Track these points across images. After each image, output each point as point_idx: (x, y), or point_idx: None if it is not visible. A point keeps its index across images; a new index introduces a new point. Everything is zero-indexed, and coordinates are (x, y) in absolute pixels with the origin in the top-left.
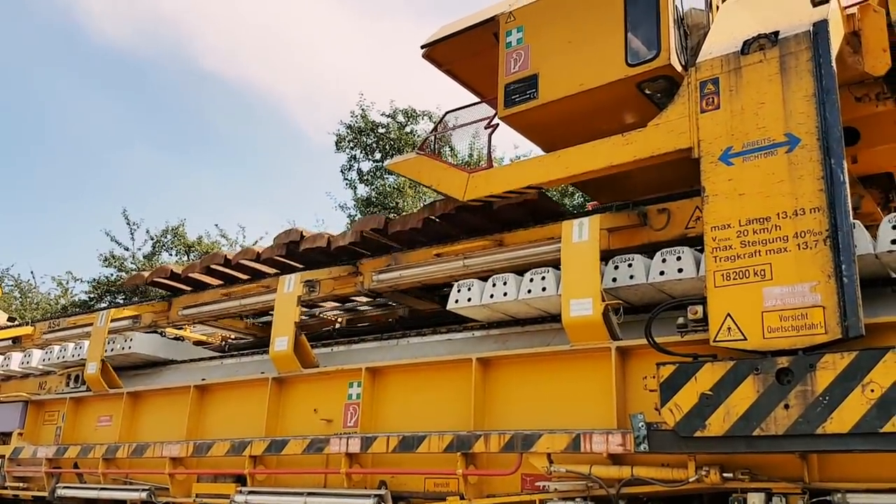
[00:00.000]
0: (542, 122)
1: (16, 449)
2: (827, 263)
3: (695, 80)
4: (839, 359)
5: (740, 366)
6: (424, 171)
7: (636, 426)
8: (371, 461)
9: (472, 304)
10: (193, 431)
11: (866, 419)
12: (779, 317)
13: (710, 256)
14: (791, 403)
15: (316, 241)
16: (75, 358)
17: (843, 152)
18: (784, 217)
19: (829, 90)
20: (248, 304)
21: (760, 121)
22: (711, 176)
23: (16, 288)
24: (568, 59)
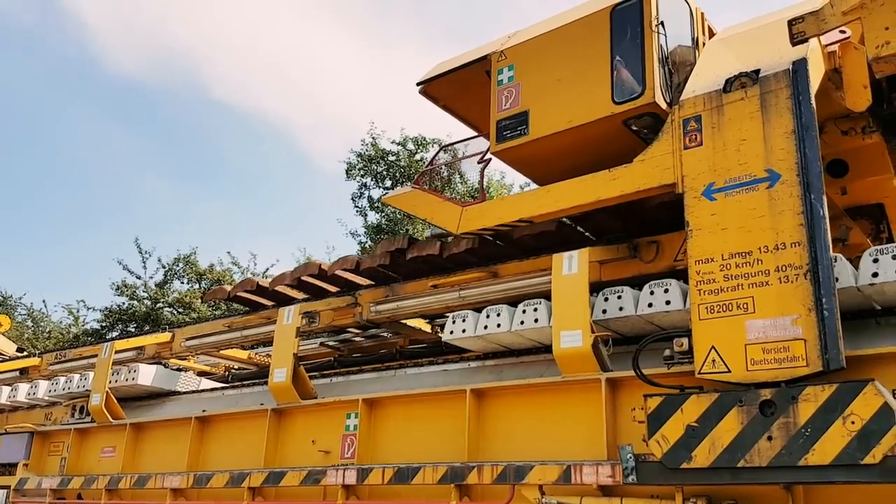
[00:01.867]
0: (533, 157)
1: (21, 480)
2: (807, 297)
3: (678, 118)
4: (820, 391)
5: (725, 398)
6: (419, 205)
7: (624, 458)
8: (368, 493)
9: (466, 335)
10: (194, 462)
11: (847, 451)
12: (761, 349)
13: (694, 290)
14: (774, 435)
15: (426, 249)
16: (80, 389)
17: (823, 187)
18: (765, 251)
19: (809, 126)
20: (249, 335)
21: (742, 157)
22: (695, 211)
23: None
24: (557, 96)
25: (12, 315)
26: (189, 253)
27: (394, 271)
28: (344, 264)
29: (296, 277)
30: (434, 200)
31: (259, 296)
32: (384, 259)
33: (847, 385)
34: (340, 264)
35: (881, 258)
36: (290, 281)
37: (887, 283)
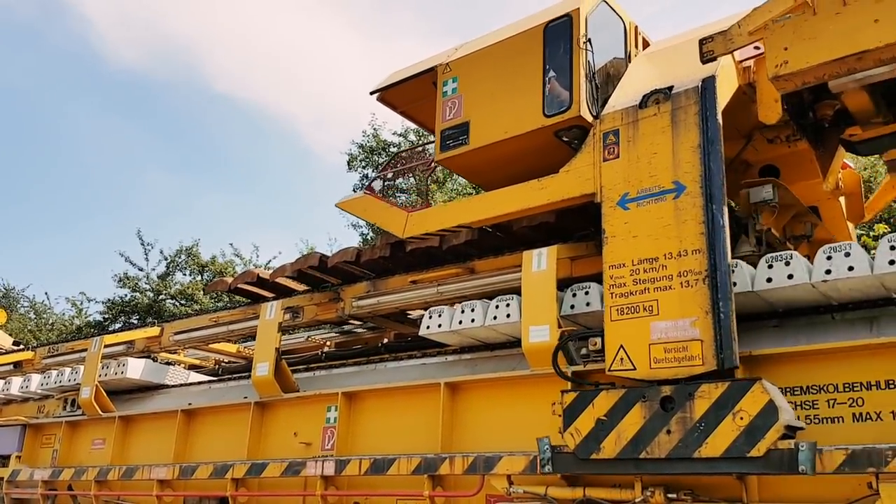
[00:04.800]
0: (474, 165)
1: (14, 471)
2: (705, 300)
3: (599, 131)
4: (714, 388)
5: (630, 393)
6: (370, 210)
7: (542, 449)
8: (346, 483)
9: (442, 329)
10: (180, 454)
11: (736, 444)
12: (663, 349)
13: (607, 293)
14: (672, 429)
15: (426, 241)
16: (71, 382)
17: (725, 198)
18: (670, 257)
19: (714, 141)
20: (235, 330)
21: (653, 169)
22: (610, 219)
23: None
24: (495, 108)
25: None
26: (191, 245)
27: (394, 263)
28: (344, 256)
29: (296, 269)
30: (383, 206)
31: (260, 287)
32: (384, 251)
33: (737, 383)
34: (340, 256)
35: (834, 255)
36: (291, 273)
37: (840, 280)
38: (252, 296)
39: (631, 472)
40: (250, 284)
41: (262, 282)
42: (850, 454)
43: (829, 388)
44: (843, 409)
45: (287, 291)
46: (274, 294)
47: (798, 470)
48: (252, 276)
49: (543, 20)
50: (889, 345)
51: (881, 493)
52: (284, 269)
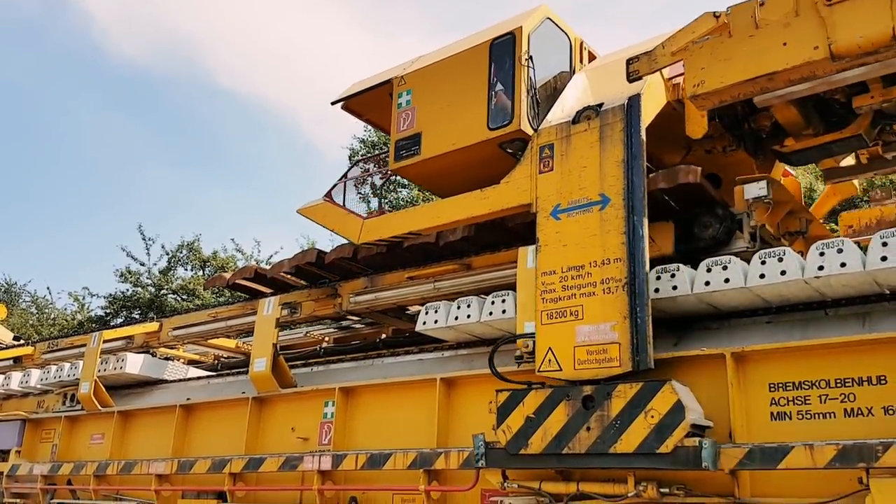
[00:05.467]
0: (426, 174)
1: (13, 466)
2: (624, 306)
3: (536, 145)
4: (629, 388)
5: (556, 393)
6: (328, 217)
7: (476, 445)
8: (343, 478)
9: (438, 325)
10: (179, 449)
11: (647, 441)
12: (586, 351)
13: (539, 298)
14: (592, 426)
15: (422, 237)
16: (71, 377)
17: (646, 210)
18: (594, 265)
19: (637, 156)
20: (233, 325)
21: (582, 182)
22: (544, 228)
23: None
24: (444, 120)
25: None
26: (192, 240)
27: (391, 259)
28: (341, 252)
29: (294, 265)
30: (340, 213)
31: (258, 283)
32: (381, 247)
33: (649, 384)
34: (338, 252)
35: (826, 252)
36: (289, 269)
37: (832, 276)
38: (251, 291)
39: (554, 466)
40: (249, 280)
41: (260, 277)
42: (841, 449)
43: (821, 384)
44: (835, 404)
45: (286, 287)
46: (273, 290)
47: (701, 466)
48: (250, 272)
49: (490, 37)
50: (881, 341)
51: (871, 488)
52: (282, 265)
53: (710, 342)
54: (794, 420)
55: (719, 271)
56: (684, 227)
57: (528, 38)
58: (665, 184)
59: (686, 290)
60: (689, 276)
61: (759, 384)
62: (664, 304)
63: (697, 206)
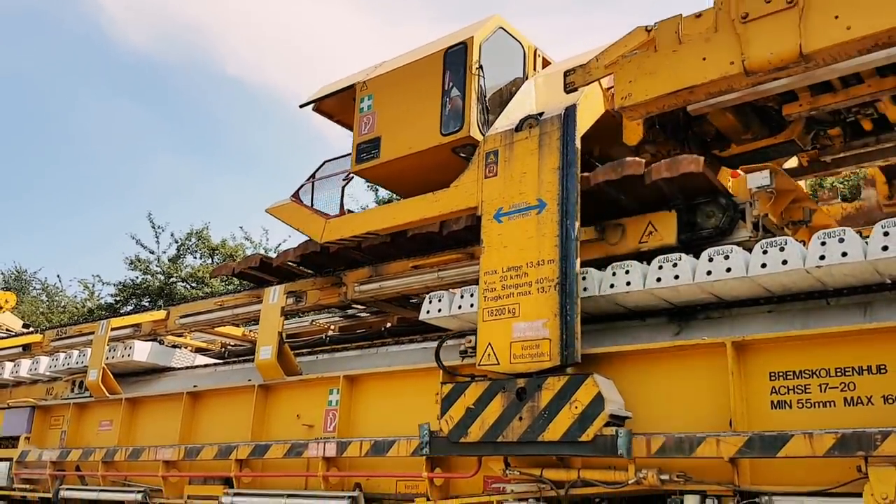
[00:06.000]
0: (386, 176)
1: (23, 452)
2: (555, 304)
3: (483, 151)
4: (557, 381)
5: (493, 385)
6: (294, 216)
7: (422, 434)
8: (347, 465)
9: (442, 314)
10: (186, 436)
11: (571, 430)
12: (521, 346)
13: (481, 296)
14: (524, 416)
15: (426, 227)
16: (79, 365)
17: (578, 214)
18: (531, 266)
19: (571, 164)
20: (239, 314)
21: (522, 187)
22: (488, 231)
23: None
24: (402, 125)
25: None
26: (201, 228)
27: (395, 249)
28: (346, 242)
29: (299, 254)
30: (305, 213)
31: (264, 272)
32: (385, 237)
33: (575, 377)
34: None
35: (828, 241)
36: (294, 258)
37: (834, 265)
38: (257, 280)
39: (490, 453)
40: (254, 269)
41: (266, 266)
42: (840, 438)
43: (822, 373)
44: (835, 393)
45: (292, 276)
46: (278, 279)
47: (617, 454)
48: (255, 261)
49: (444, 46)
50: (881, 330)
51: (870, 476)
52: (288, 253)
53: (712, 331)
54: (794, 409)
55: (721, 261)
56: (687, 216)
57: (479, 47)
58: (668, 173)
59: (688, 280)
60: (691, 266)
61: (760, 373)
62: (665, 293)
63: (700, 196)
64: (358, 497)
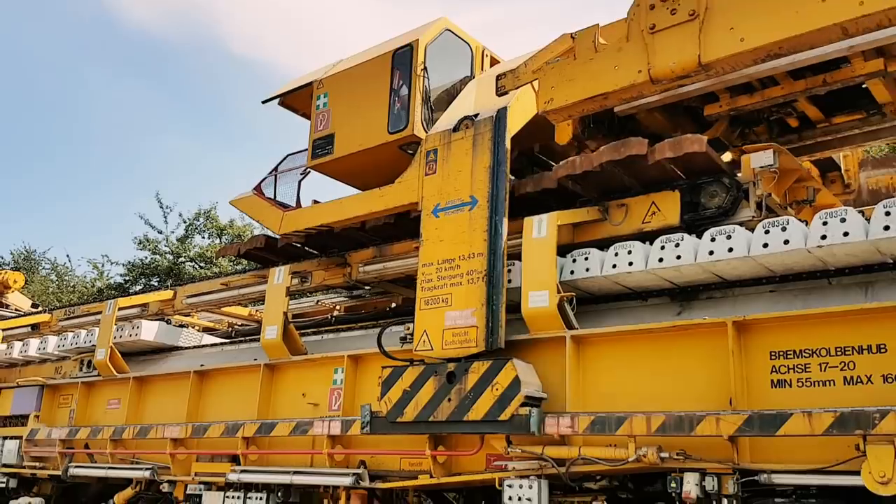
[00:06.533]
0: (340, 171)
1: (32, 430)
2: (483, 295)
3: (424, 150)
4: (481, 365)
5: (427, 369)
6: (254, 208)
7: (363, 414)
8: (352, 442)
9: None
10: (193, 414)
11: (492, 410)
12: (452, 333)
13: (419, 287)
14: (452, 398)
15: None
16: (87, 344)
17: (507, 211)
18: (463, 259)
19: (501, 163)
20: (245, 294)
21: (457, 185)
22: (427, 225)
23: (52, 271)
24: (353, 123)
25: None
26: (209, 208)
27: (399, 229)
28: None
29: (304, 234)
30: (265, 205)
31: (269, 252)
32: (389, 217)
33: (497, 361)
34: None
35: (830, 221)
36: (299, 238)
37: (836, 245)
38: (264, 260)
39: (422, 432)
40: (260, 249)
41: (271, 247)
42: (839, 417)
43: (822, 352)
44: (835, 372)
45: (297, 256)
46: (284, 259)
47: (530, 431)
48: (260, 241)
49: (393, 47)
50: (881, 309)
51: (868, 454)
52: (293, 234)
53: (714, 311)
54: (794, 388)
55: (723, 241)
56: (690, 196)
57: (424, 49)
58: (671, 153)
59: (690, 260)
60: (693, 246)
61: (761, 352)
62: (667, 273)
63: (704, 176)
64: (362, 474)
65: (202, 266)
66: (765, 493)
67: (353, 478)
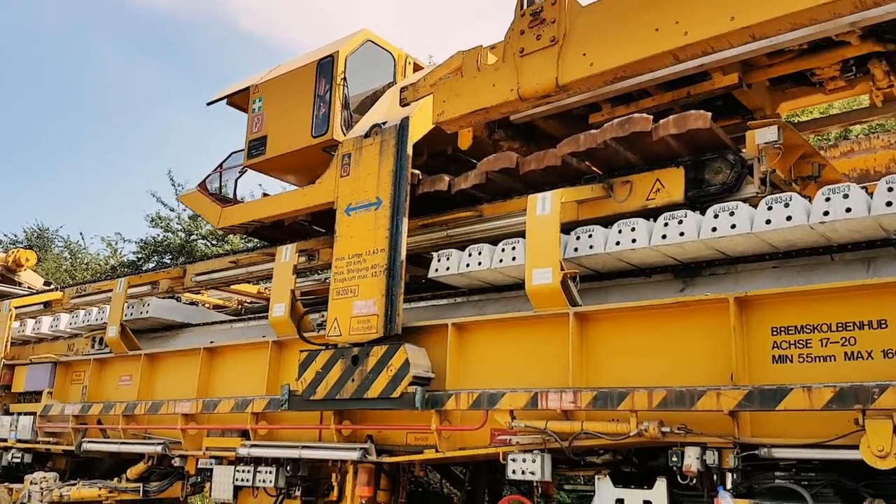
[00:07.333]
0: (273, 170)
1: (46, 406)
2: (383, 286)
3: (340, 154)
4: (380, 349)
5: (336, 353)
6: (197, 204)
7: (283, 393)
8: (359, 417)
9: (450, 272)
10: (203, 390)
11: (386, 388)
12: (357, 321)
13: (333, 279)
14: (355, 378)
15: (436, 184)
16: (99, 322)
17: (407, 211)
18: (369, 254)
19: (403, 168)
20: (253, 272)
21: (366, 186)
22: (341, 223)
23: (66, 249)
24: (282, 126)
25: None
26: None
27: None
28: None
29: (311, 212)
30: (206, 201)
31: (276, 230)
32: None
33: (392, 346)
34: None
35: (832, 197)
36: (305, 217)
37: (838, 221)
38: (272, 238)
39: (330, 408)
40: (267, 228)
41: (279, 224)
42: (839, 391)
43: (823, 328)
44: (836, 347)
45: (305, 234)
46: (291, 237)
47: (415, 406)
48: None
49: (318, 57)
50: (882, 285)
51: (867, 428)
52: (300, 211)
53: (717, 287)
54: (795, 363)
55: (726, 217)
56: (695, 173)
57: (344, 60)
58: (675, 129)
59: (693, 237)
60: (697, 223)
61: (763, 328)
62: (671, 250)
63: (708, 152)
64: (369, 448)
65: (214, 244)
66: (766, 466)
67: (361, 452)
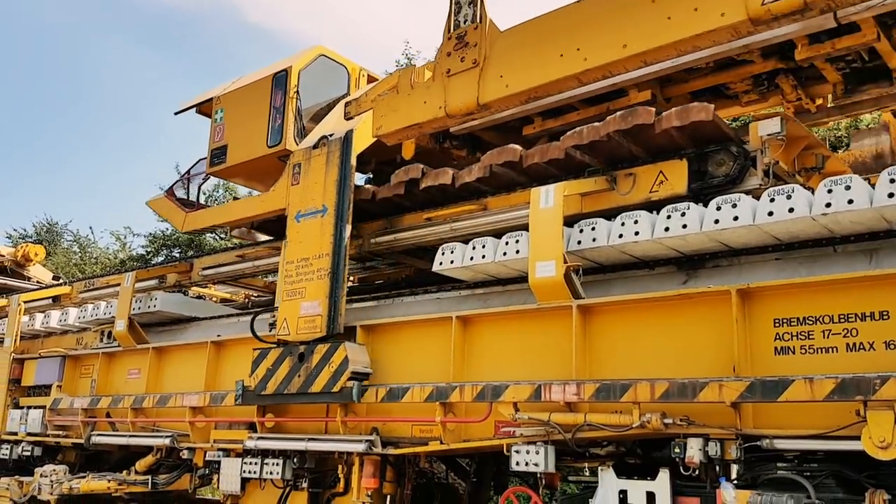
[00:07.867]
0: (234, 177)
1: (55, 400)
2: (327, 289)
3: (291, 163)
4: (323, 347)
5: (285, 351)
6: (164, 209)
7: (237, 388)
8: (364, 410)
9: (454, 265)
10: (211, 383)
11: (328, 383)
12: (304, 321)
13: (282, 281)
14: (301, 374)
15: (439, 178)
16: (107, 316)
17: (350, 218)
18: (315, 258)
19: (346, 177)
20: (260, 265)
21: (314, 195)
22: (291, 229)
23: (75, 243)
24: (241, 136)
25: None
26: None
27: (409, 201)
28: (360, 195)
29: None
30: (172, 206)
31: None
32: (398, 189)
33: (334, 344)
34: (357, 195)
35: (834, 188)
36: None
37: (840, 213)
38: (278, 233)
39: (278, 402)
40: (273, 222)
41: (285, 218)
42: (840, 383)
43: (825, 320)
44: (838, 339)
45: None
46: None
47: (353, 399)
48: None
49: (274, 70)
50: (884, 276)
51: (868, 419)
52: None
53: (720, 279)
54: (797, 354)
55: (729, 209)
56: (698, 165)
57: (297, 74)
58: (678, 121)
59: (696, 229)
60: (699, 215)
61: (765, 320)
62: (674, 242)
63: (711, 144)
64: (375, 441)
65: (223, 237)
66: (768, 458)
67: (366, 444)
